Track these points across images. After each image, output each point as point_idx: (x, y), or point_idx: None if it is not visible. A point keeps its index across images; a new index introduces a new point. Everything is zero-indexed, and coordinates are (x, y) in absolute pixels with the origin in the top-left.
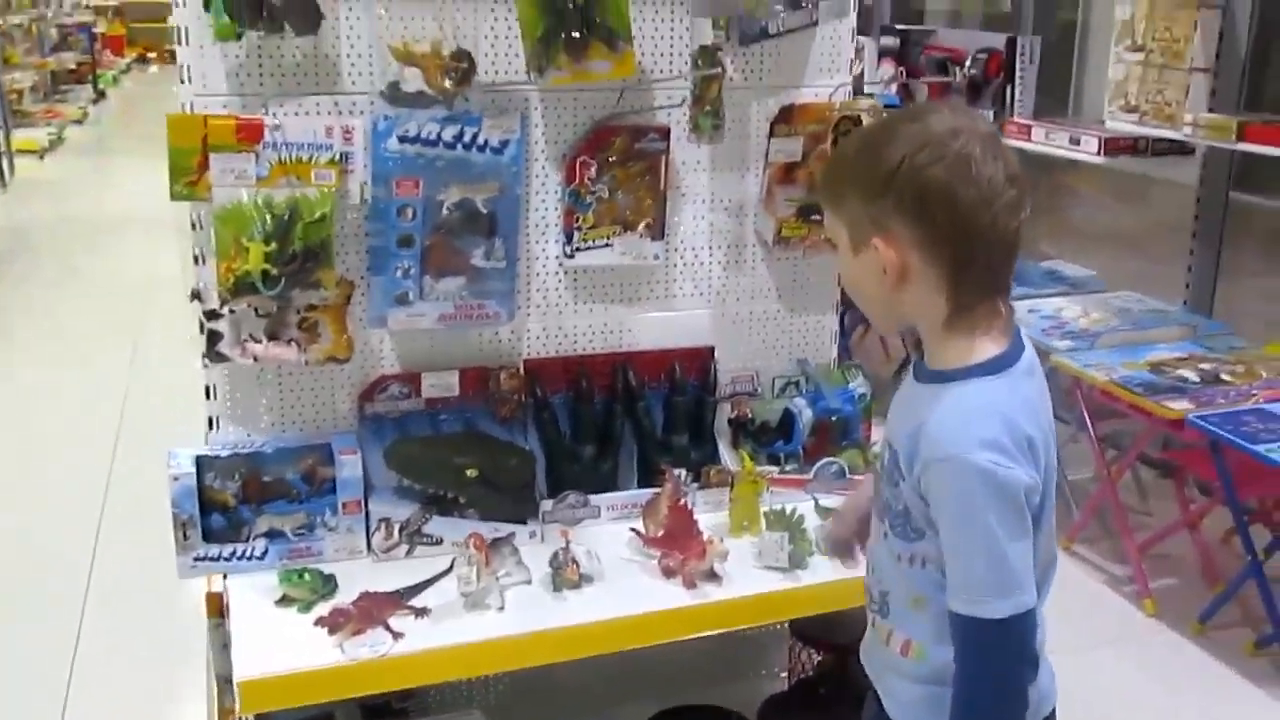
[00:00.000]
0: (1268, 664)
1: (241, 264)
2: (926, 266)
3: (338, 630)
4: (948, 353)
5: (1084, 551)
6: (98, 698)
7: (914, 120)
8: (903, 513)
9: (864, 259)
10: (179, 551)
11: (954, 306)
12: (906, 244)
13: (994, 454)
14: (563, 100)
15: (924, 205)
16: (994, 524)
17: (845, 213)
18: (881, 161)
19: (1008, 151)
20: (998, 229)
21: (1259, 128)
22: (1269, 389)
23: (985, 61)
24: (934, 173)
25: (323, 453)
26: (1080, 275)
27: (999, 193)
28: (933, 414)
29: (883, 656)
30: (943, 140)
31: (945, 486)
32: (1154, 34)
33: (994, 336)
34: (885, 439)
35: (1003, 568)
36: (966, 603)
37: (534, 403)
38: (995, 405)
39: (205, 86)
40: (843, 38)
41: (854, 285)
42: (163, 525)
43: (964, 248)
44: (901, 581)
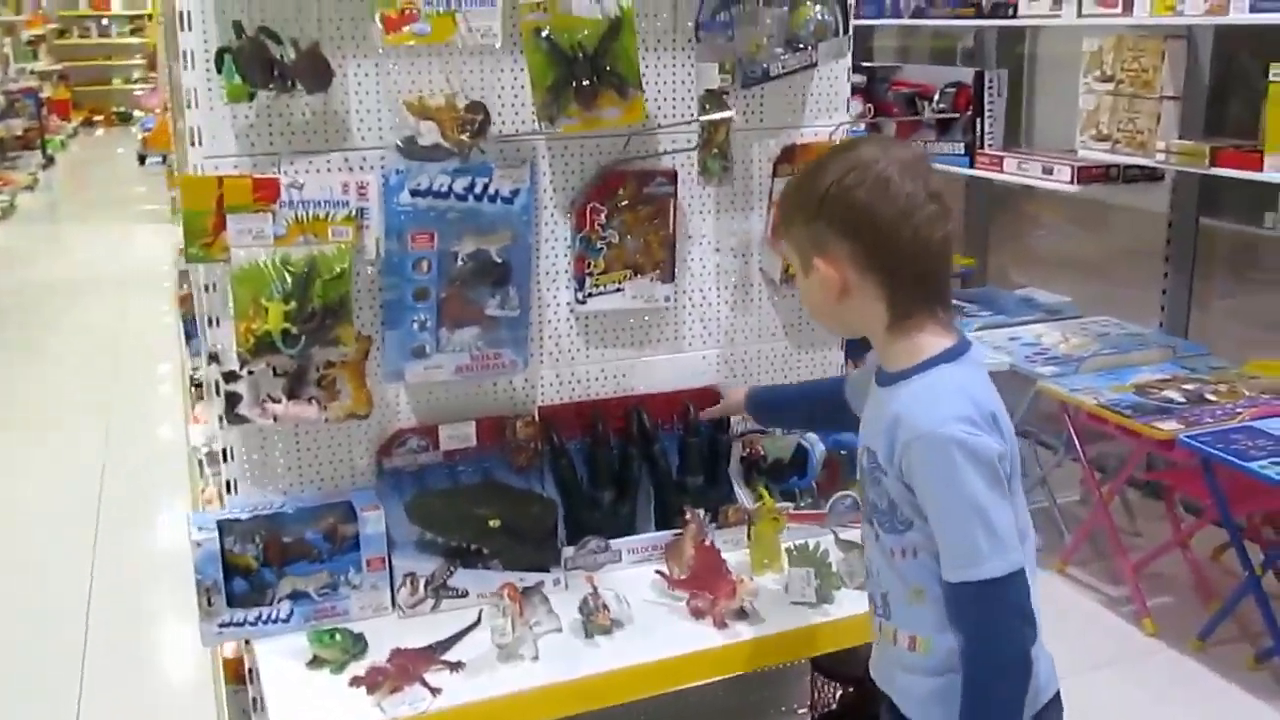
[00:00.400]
0: (1269, 677)
1: (261, 324)
2: (863, 279)
3: (376, 689)
4: (900, 354)
5: (1078, 574)
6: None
7: (844, 151)
8: (889, 508)
9: (813, 278)
10: (203, 619)
11: (895, 313)
12: (842, 260)
13: (965, 425)
14: (569, 148)
15: (851, 223)
16: (976, 489)
17: (792, 238)
18: (815, 188)
19: (930, 173)
20: (920, 240)
21: (1230, 153)
22: (1253, 407)
23: (954, 96)
24: (857, 194)
25: (343, 510)
26: (1055, 302)
27: (918, 207)
28: (902, 405)
29: (892, 657)
30: (865, 165)
31: (926, 462)
32: (1123, 64)
33: (939, 333)
34: (862, 446)
35: (991, 529)
36: (962, 569)
37: (550, 450)
38: (957, 385)
39: (216, 148)
40: (840, 78)
41: (809, 303)
42: (154, 597)
43: (892, 259)
44: (898, 578)
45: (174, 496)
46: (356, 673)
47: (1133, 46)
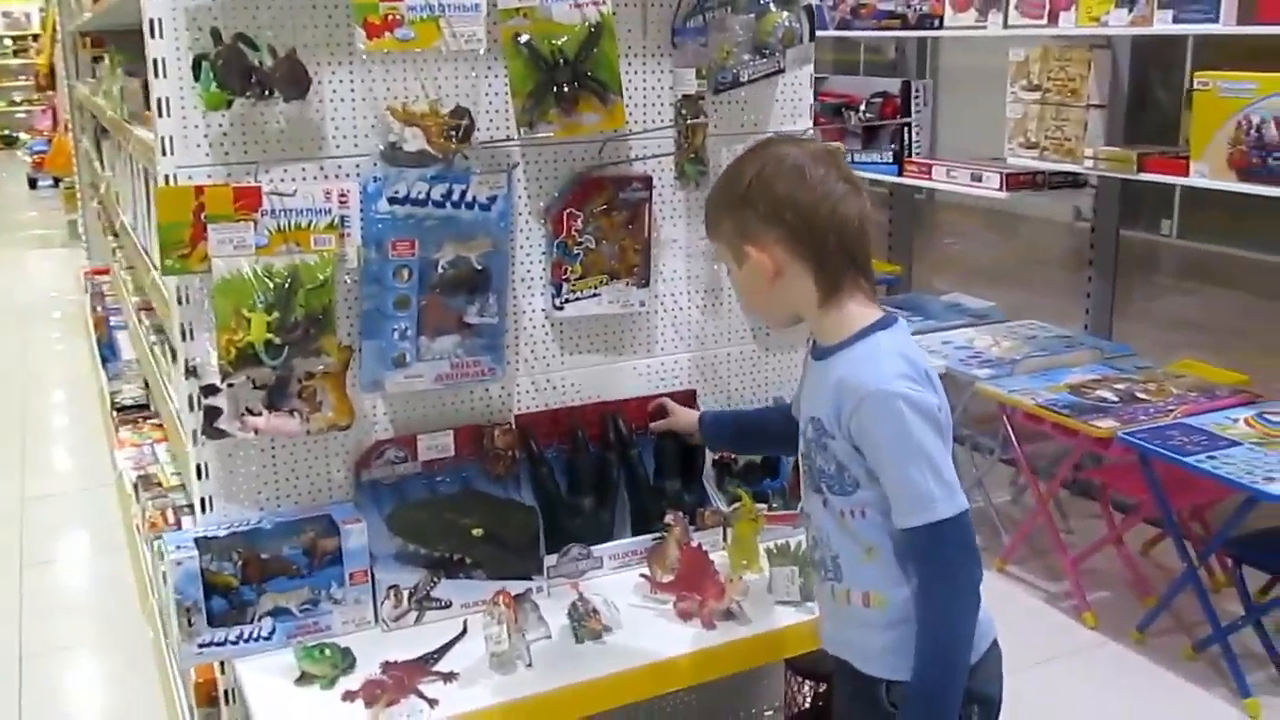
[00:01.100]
0: (1206, 666)
1: (244, 335)
2: (793, 260)
3: (374, 703)
4: (834, 328)
5: (1017, 572)
6: None
7: (760, 149)
8: (837, 471)
9: (747, 268)
10: (183, 639)
11: (825, 287)
12: (771, 243)
13: (907, 382)
14: (544, 154)
15: (774, 209)
16: (923, 438)
17: (722, 234)
18: (737, 184)
19: (840, 161)
20: (838, 217)
21: (1157, 159)
22: (1184, 404)
23: (880, 105)
24: (777, 183)
25: (322, 525)
26: (981, 307)
27: (831, 188)
28: (843, 370)
29: (845, 618)
30: (780, 158)
31: (875, 418)
32: (1049, 74)
33: (867, 305)
34: (806, 418)
35: (940, 474)
36: (917, 513)
37: (528, 458)
38: (895, 348)
39: (189, 157)
40: (804, 84)
41: (745, 294)
42: (85, 630)
43: (817, 235)
44: (849, 538)
45: (101, 525)
46: (347, 687)
47: (1059, 56)
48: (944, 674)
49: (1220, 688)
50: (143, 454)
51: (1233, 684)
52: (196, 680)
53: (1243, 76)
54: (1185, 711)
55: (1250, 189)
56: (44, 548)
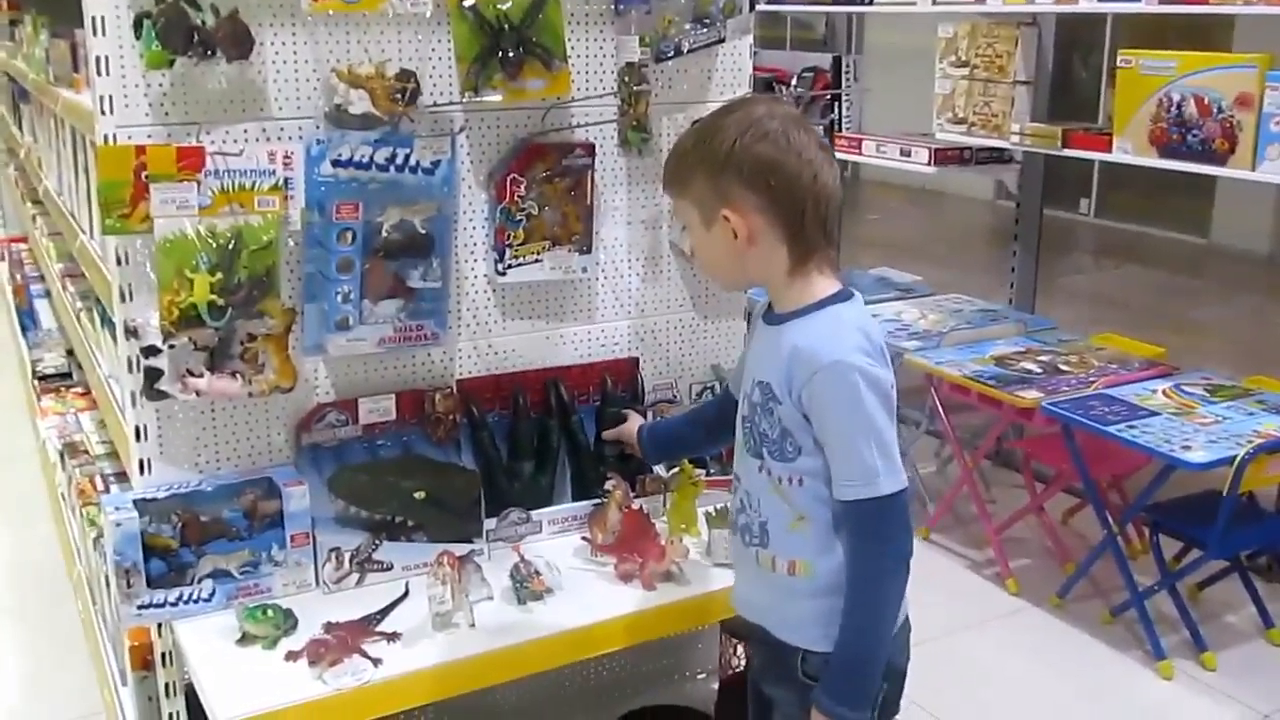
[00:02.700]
0: (1122, 630)
1: (186, 296)
2: (769, 226)
3: (318, 662)
4: (795, 295)
5: (941, 540)
6: None
7: (736, 110)
8: (780, 436)
9: (715, 231)
10: (122, 600)
11: (796, 256)
12: (750, 209)
13: (866, 357)
14: (487, 119)
15: (759, 174)
16: (875, 413)
17: (693, 194)
18: (719, 145)
19: (812, 128)
20: (819, 184)
21: (1080, 135)
22: (1104, 376)
23: (811, 80)
24: (761, 147)
25: (262, 487)
26: (907, 281)
27: (814, 156)
28: (799, 337)
29: (769, 584)
30: (762, 120)
31: (830, 389)
32: (977, 50)
33: (830, 275)
34: (751, 381)
35: (886, 450)
36: (861, 487)
37: (469, 423)
38: (854, 322)
39: (129, 117)
40: (743, 54)
41: (708, 256)
42: (8, 617)
43: (797, 203)
44: (782, 506)
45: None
46: (290, 648)
47: (987, 33)
48: (871, 645)
49: (1136, 650)
50: (66, 422)
51: (1148, 647)
52: (131, 644)
53: (1164, 55)
54: (1103, 673)
55: (1170, 165)
56: None
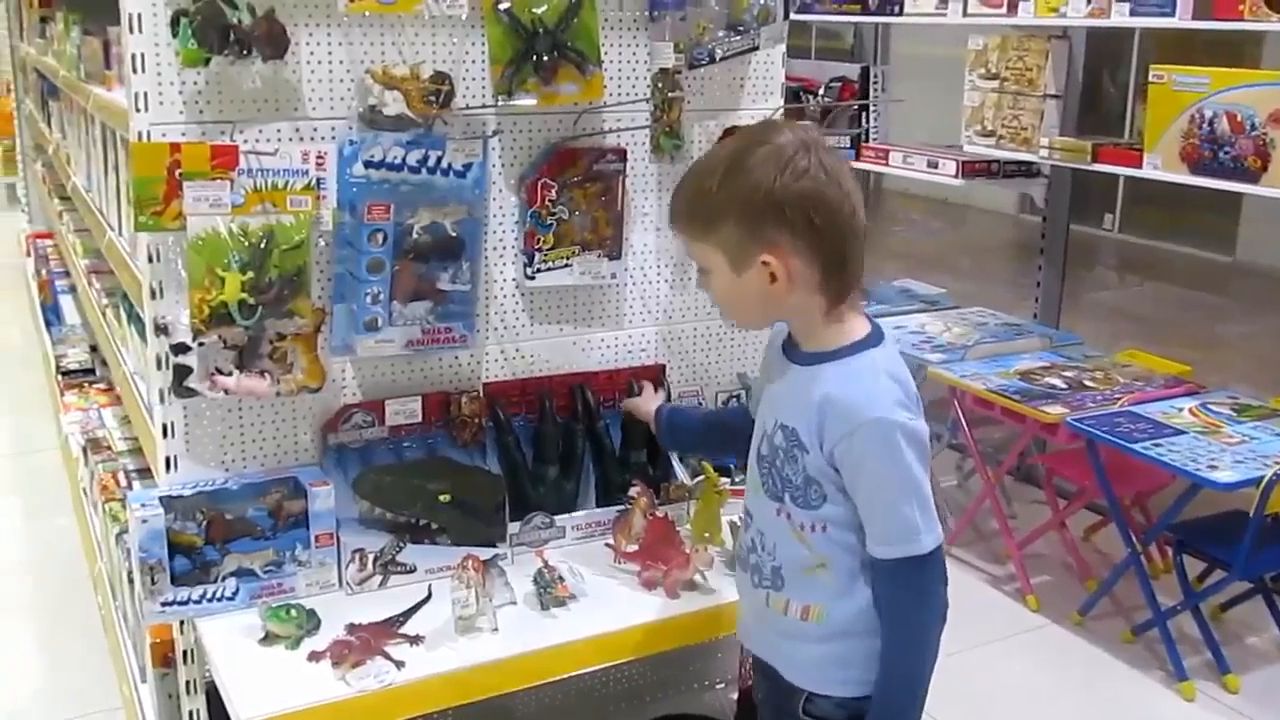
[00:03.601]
0: (1144, 649)
1: (217, 294)
2: (809, 267)
3: (341, 663)
4: (827, 336)
5: (962, 554)
6: None
7: (761, 143)
8: (804, 483)
9: (748, 275)
10: (146, 596)
11: (834, 296)
12: (792, 252)
13: (905, 410)
14: (519, 123)
15: (803, 213)
16: (914, 469)
17: (720, 237)
18: (755, 184)
19: (834, 150)
20: (857, 220)
21: (1110, 149)
22: (1129, 393)
23: (838, 90)
24: (804, 184)
25: (288, 487)
26: (931, 293)
27: (850, 186)
28: (833, 386)
29: (780, 628)
30: (795, 152)
31: (870, 447)
32: (1007, 63)
33: (861, 315)
34: (774, 421)
35: (925, 506)
36: (899, 546)
37: (495, 426)
38: (889, 371)
39: (164, 114)
40: (775, 62)
41: (735, 300)
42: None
43: (840, 241)
44: (801, 551)
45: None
46: (313, 648)
47: (1017, 46)
48: (908, 698)
49: (1157, 671)
50: (89, 418)
51: (1169, 667)
52: (152, 641)
53: (1197, 71)
54: (1123, 693)
55: (1202, 182)
56: None
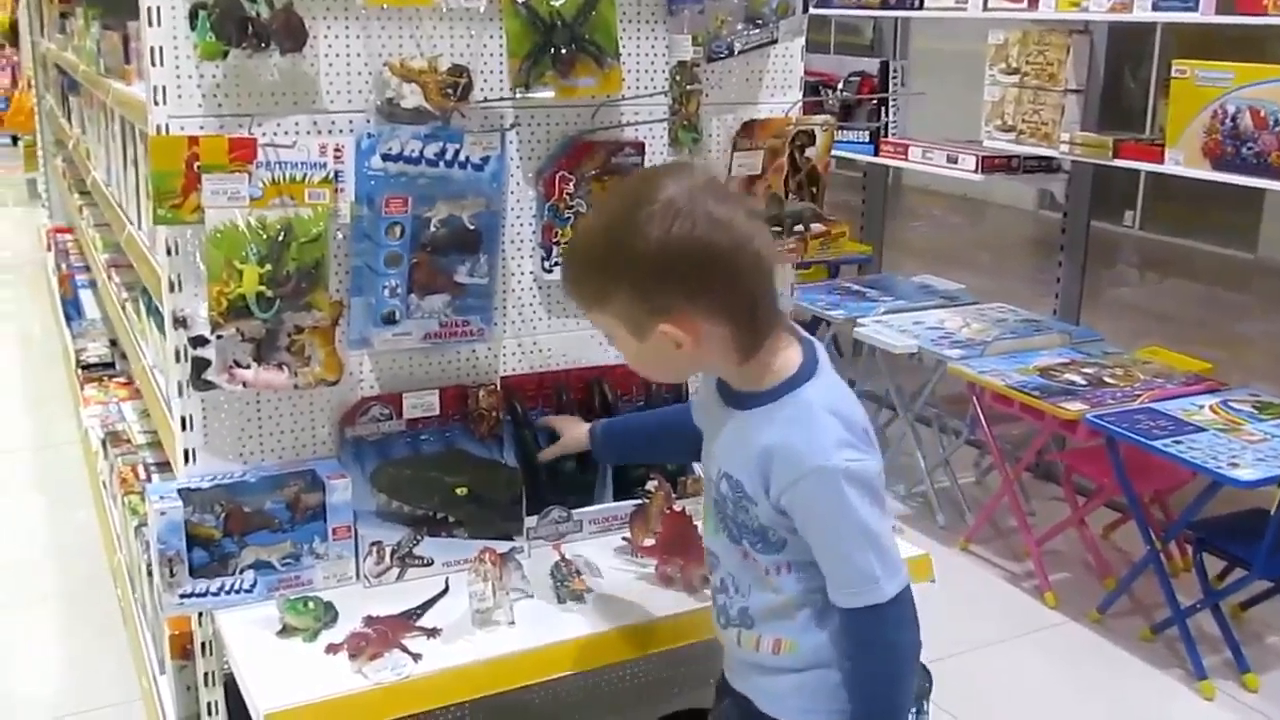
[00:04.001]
0: (1163, 648)
1: (235, 287)
2: (716, 326)
3: (359, 655)
4: (754, 377)
5: (980, 551)
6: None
7: (646, 203)
8: (760, 530)
9: (651, 343)
10: (165, 589)
11: (748, 345)
12: (693, 316)
13: (850, 452)
14: (537, 116)
15: (697, 274)
16: (865, 516)
17: (615, 309)
18: (638, 253)
19: (735, 191)
20: (759, 262)
21: (1132, 145)
22: (1150, 390)
23: (857, 84)
24: (692, 244)
25: (305, 479)
26: (951, 289)
27: (748, 231)
28: (774, 434)
29: (752, 661)
30: (682, 207)
31: (815, 498)
32: (1028, 58)
33: (790, 346)
34: (718, 470)
35: (881, 551)
36: (857, 595)
37: (512, 419)
38: (829, 407)
39: (182, 107)
40: (794, 56)
41: (648, 366)
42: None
43: (745, 295)
44: (769, 593)
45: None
46: (330, 641)
47: (1038, 40)
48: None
49: (1176, 669)
50: (109, 411)
51: (1189, 666)
52: (171, 633)
53: (1220, 66)
54: (1142, 691)
55: (1224, 178)
56: (6, 503)
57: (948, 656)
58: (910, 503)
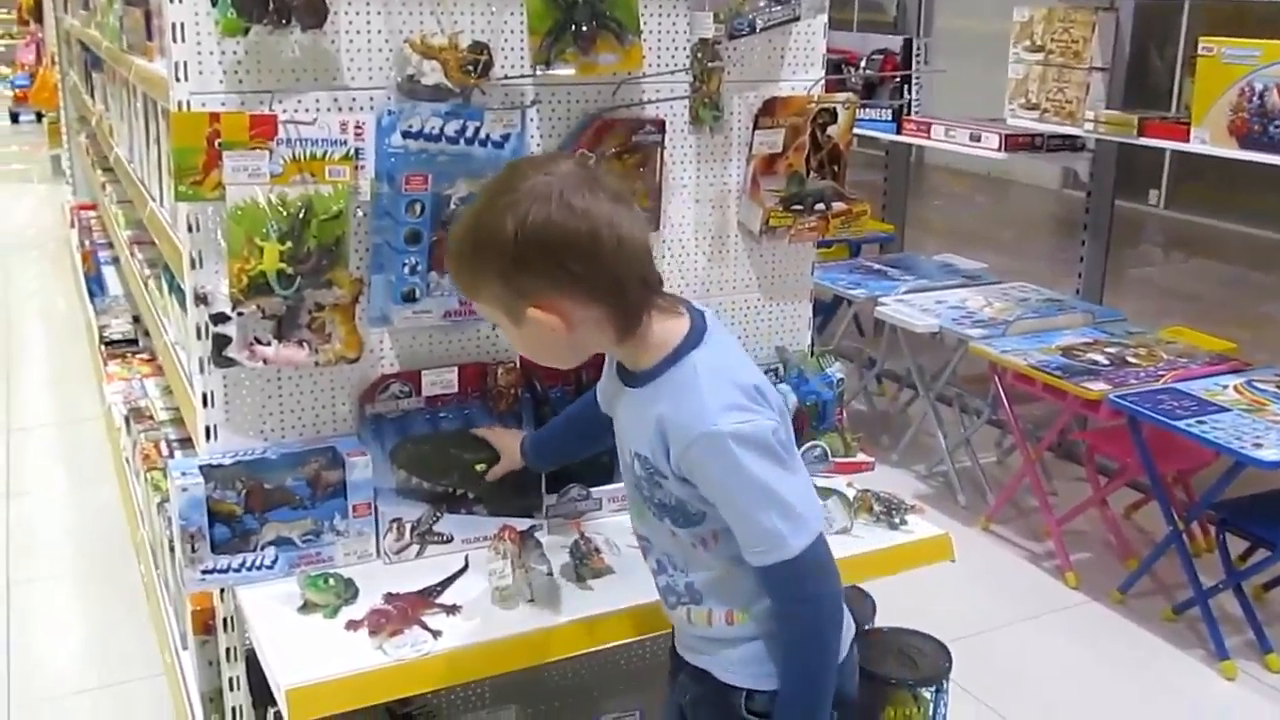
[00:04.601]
0: (1185, 628)
1: (256, 264)
2: (585, 309)
3: (379, 632)
4: (641, 355)
5: (1001, 531)
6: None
7: (508, 192)
8: (677, 505)
9: (528, 329)
10: (187, 565)
11: (623, 324)
12: (559, 301)
13: (736, 414)
14: (557, 94)
15: (556, 260)
16: (761, 474)
17: (490, 297)
18: (499, 241)
19: (598, 174)
20: (625, 243)
21: (1157, 123)
22: (1173, 370)
23: (880, 62)
24: (549, 230)
25: (326, 456)
26: (972, 268)
27: (608, 214)
28: (664, 404)
29: (707, 635)
30: (539, 195)
31: (706, 462)
32: (1053, 35)
33: (671, 318)
34: (630, 451)
35: (785, 509)
36: (765, 553)
37: (531, 397)
38: (715, 371)
39: (203, 84)
40: (817, 34)
41: (531, 350)
42: (72, 578)
43: (608, 276)
44: (703, 564)
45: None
46: (350, 617)
47: (1063, 18)
48: (814, 697)
49: (1198, 649)
50: (132, 388)
51: (1211, 646)
52: (193, 608)
53: (1247, 43)
54: (1164, 671)
55: (1251, 156)
56: (30, 478)
57: (968, 636)
58: (931, 482)
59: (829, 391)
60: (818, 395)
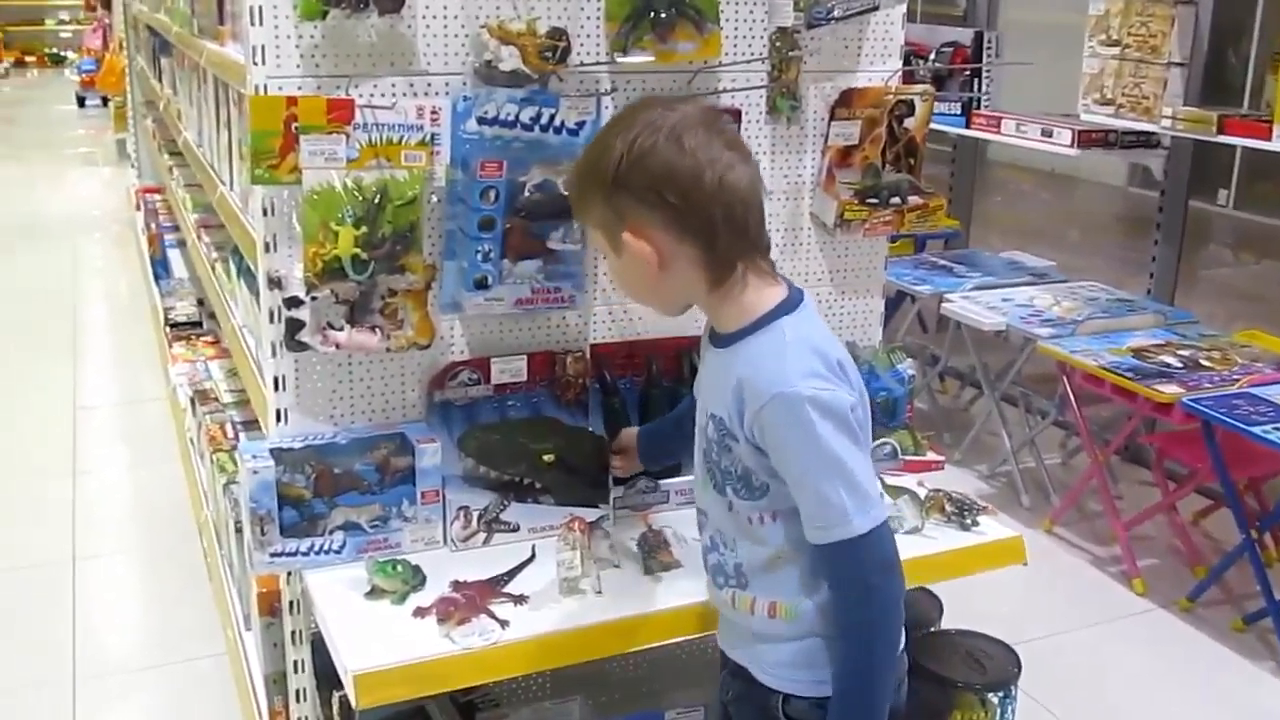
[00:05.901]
0: (1254, 639)
1: (330, 248)
2: (678, 245)
3: (447, 620)
4: (732, 314)
5: (1065, 534)
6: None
7: (625, 119)
8: (743, 474)
9: (626, 257)
10: (255, 547)
11: (717, 273)
12: (653, 229)
13: (815, 380)
14: (633, 81)
15: (653, 187)
16: (834, 445)
17: (594, 218)
18: (607, 160)
19: (720, 122)
20: (725, 187)
21: (1237, 121)
22: (1249, 374)
23: (949, 55)
24: (652, 157)
25: (395, 442)
26: (1041, 266)
27: (716, 156)
28: (744, 367)
29: (748, 627)
30: (652, 126)
31: (780, 424)
32: (1130, 29)
33: (769, 285)
34: (706, 413)
35: (853, 485)
36: (830, 529)
37: (600, 387)
38: (801, 338)
39: (280, 68)
40: (895, 24)
41: (626, 284)
42: (137, 554)
43: (702, 215)
44: (757, 544)
45: (152, 437)
46: (418, 604)
47: (1141, 11)
48: (867, 698)
49: (1268, 661)
50: (196, 370)
51: None
52: (259, 590)
53: None
54: (1231, 682)
55: None
56: (95, 456)
57: (1032, 640)
58: (994, 482)
59: (900, 388)
60: (889, 391)
